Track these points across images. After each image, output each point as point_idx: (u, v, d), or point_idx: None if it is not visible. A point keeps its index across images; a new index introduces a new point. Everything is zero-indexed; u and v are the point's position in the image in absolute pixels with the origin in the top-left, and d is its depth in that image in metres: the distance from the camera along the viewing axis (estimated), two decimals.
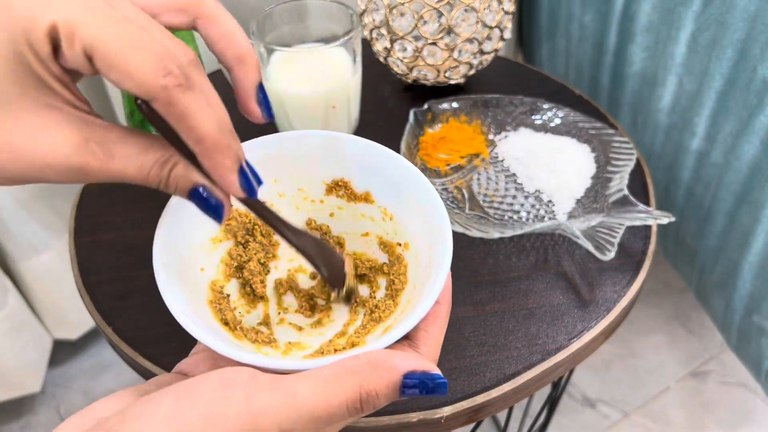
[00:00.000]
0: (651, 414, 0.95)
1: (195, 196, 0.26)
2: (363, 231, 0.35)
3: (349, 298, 0.34)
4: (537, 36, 0.96)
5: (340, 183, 0.34)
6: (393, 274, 0.34)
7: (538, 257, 0.49)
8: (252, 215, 0.34)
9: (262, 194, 0.33)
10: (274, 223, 0.30)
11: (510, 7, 0.60)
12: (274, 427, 0.22)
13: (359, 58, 0.55)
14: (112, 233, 0.52)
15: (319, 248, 0.32)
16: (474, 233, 0.50)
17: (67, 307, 0.92)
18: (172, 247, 0.30)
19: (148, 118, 0.23)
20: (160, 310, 0.45)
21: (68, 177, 0.23)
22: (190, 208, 0.29)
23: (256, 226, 0.35)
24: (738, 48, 0.61)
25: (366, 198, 0.34)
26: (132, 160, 0.24)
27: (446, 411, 0.39)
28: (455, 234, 0.51)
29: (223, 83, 0.59)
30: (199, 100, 0.23)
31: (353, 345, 0.31)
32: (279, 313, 0.35)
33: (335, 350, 0.31)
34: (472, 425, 0.46)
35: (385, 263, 0.35)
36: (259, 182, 0.27)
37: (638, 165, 0.57)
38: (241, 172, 0.26)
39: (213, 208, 0.26)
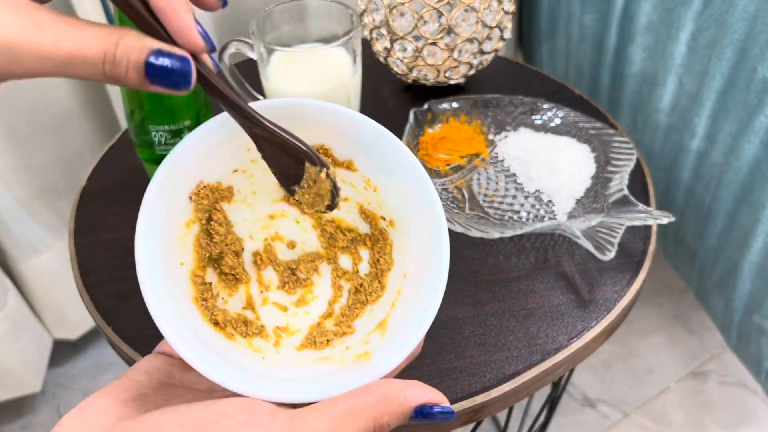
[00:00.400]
0: (651, 414, 0.95)
1: (155, 62, 0.23)
2: (343, 196, 0.33)
3: (333, 196, 0.30)
4: (537, 36, 0.96)
5: (319, 149, 0.31)
6: (377, 251, 0.33)
7: (538, 257, 0.49)
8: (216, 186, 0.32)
9: (236, 161, 0.32)
10: (236, 102, 0.27)
11: (510, 7, 0.60)
12: None
13: (359, 58, 0.55)
14: (112, 233, 0.52)
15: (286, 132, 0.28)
16: (474, 233, 0.50)
17: (68, 307, 0.92)
18: (153, 255, 0.29)
19: None
20: None
21: (18, 66, 0.21)
22: (162, 205, 0.28)
23: (217, 202, 0.32)
24: (738, 48, 0.61)
25: (348, 166, 0.32)
26: (68, 33, 0.22)
27: None
28: (455, 234, 0.51)
29: None
30: None
31: (344, 334, 0.31)
32: (261, 292, 0.34)
33: (327, 341, 0.31)
34: (472, 425, 0.46)
35: (367, 234, 0.33)
36: (212, 44, 0.25)
37: (638, 165, 0.57)
38: (198, 24, 0.24)
39: (179, 71, 0.23)
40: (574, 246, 0.50)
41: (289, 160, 0.29)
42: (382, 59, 0.63)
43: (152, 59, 0.23)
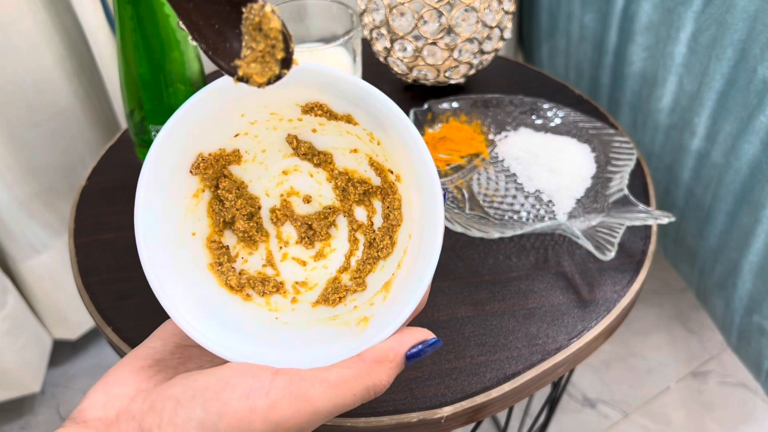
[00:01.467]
0: (651, 414, 0.95)
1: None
2: (351, 147, 0.33)
3: (285, 42, 0.24)
4: (537, 36, 0.96)
5: (315, 105, 0.30)
6: (387, 204, 0.33)
7: (538, 257, 0.49)
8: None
9: (235, 128, 0.31)
10: None
11: (510, 6, 0.60)
12: (294, 427, 0.25)
13: (359, 58, 0.55)
14: (112, 233, 0.52)
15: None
16: (474, 233, 0.50)
17: (67, 307, 0.92)
18: (154, 235, 0.29)
19: None
20: (160, 309, 0.45)
21: None
22: (161, 183, 0.29)
23: (225, 168, 0.32)
24: (738, 48, 0.61)
25: (348, 119, 0.31)
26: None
27: (446, 411, 0.39)
28: (455, 234, 0.51)
29: None
30: None
31: (355, 291, 0.32)
32: (281, 248, 0.35)
33: (340, 298, 0.32)
34: (472, 425, 0.46)
35: (378, 187, 0.33)
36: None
37: (638, 165, 0.57)
38: None
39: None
40: (574, 246, 0.50)
41: (219, 18, 0.24)
42: (382, 59, 0.63)
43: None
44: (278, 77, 0.25)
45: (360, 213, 0.34)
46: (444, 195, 0.29)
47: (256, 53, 0.24)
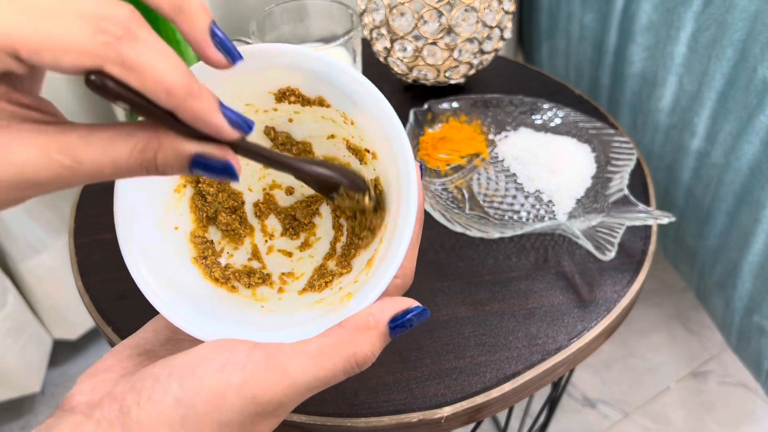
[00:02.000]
0: (651, 414, 0.95)
1: (198, 166, 0.23)
2: (328, 133, 0.33)
3: (379, 200, 0.31)
4: (537, 36, 0.96)
5: (287, 91, 0.31)
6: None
7: (538, 257, 0.49)
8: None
9: None
10: (279, 159, 0.27)
11: (510, 6, 0.60)
12: (273, 402, 0.24)
13: (359, 58, 0.55)
14: (112, 233, 0.51)
15: (330, 166, 0.29)
16: (474, 233, 0.50)
17: (67, 307, 0.92)
18: (139, 233, 0.29)
19: (109, 95, 0.21)
20: None
21: (46, 190, 0.21)
22: (135, 181, 0.28)
23: None
24: (738, 48, 0.61)
25: (320, 102, 0.31)
26: (103, 157, 0.21)
27: (446, 411, 0.39)
28: (455, 234, 0.51)
29: None
30: (150, 51, 0.20)
31: (341, 274, 0.32)
32: (266, 241, 0.35)
33: (326, 283, 0.32)
34: (472, 425, 0.46)
35: (360, 169, 0.33)
36: (248, 122, 0.24)
37: (638, 165, 0.57)
38: (224, 110, 0.23)
39: (222, 169, 0.24)
40: (574, 246, 0.50)
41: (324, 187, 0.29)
42: (382, 59, 0.63)
43: (194, 166, 0.23)
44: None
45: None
46: (421, 167, 0.28)
47: (350, 202, 0.30)
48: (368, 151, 0.32)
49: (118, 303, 0.46)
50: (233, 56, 0.24)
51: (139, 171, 0.22)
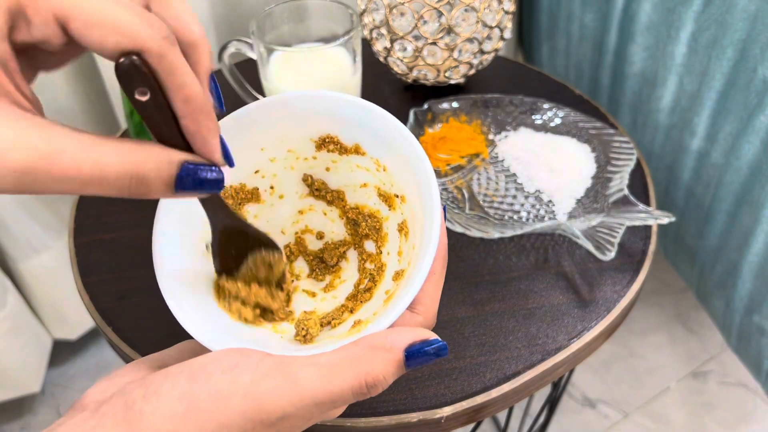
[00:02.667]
0: (651, 414, 0.95)
1: (185, 175, 0.23)
2: (361, 182, 0.34)
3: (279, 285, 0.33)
4: (537, 36, 0.96)
5: (327, 138, 0.33)
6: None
7: (538, 257, 0.49)
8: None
9: (255, 162, 0.33)
10: (230, 216, 0.29)
11: (510, 6, 0.60)
12: (277, 410, 0.23)
13: (359, 58, 0.55)
14: (112, 233, 0.52)
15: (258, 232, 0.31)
16: (474, 233, 0.50)
17: (67, 308, 0.92)
18: (173, 260, 0.30)
19: (136, 80, 0.21)
20: (159, 310, 0.45)
21: (14, 182, 0.20)
22: (176, 214, 0.29)
23: (242, 204, 0.34)
24: (738, 48, 0.61)
25: (356, 150, 0.33)
26: (83, 153, 0.21)
27: (446, 411, 0.39)
28: (455, 234, 0.50)
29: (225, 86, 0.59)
30: (183, 61, 0.22)
31: (357, 309, 0.32)
32: (292, 282, 0.35)
33: (339, 323, 0.32)
34: (472, 425, 0.46)
35: (387, 216, 0.34)
36: (232, 159, 0.25)
37: (638, 165, 0.57)
38: (221, 138, 0.24)
39: (210, 179, 0.24)
40: (574, 246, 0.50)
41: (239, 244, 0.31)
42: (382, 59, 0.63)
43: (183, 174, 0.23)
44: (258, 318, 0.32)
45: (369, 245, 0.35)
46: (444, 209, 0.28)
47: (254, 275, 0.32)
48: (397, 196, 0.33)
49: (117, 303, 0.46)
50: (220, 104, 0.25)
51: (122, 178, 0.21)
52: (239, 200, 0.34)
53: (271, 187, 0.35)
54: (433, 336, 0.26)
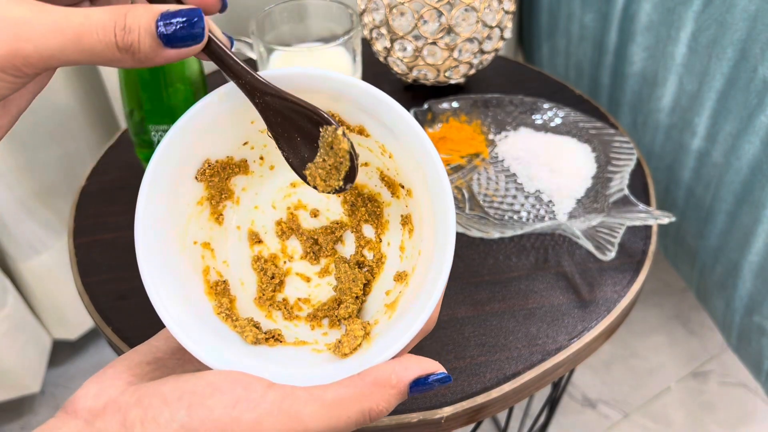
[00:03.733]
0: (651, 414, 0.95)
1: (166, 22, 0.23)
2: (362, 161, 0.31)
3: (352, 161, 0.28)
4: (537, 36, 0.96)
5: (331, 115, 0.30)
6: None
7: (539, 257, 0.49)
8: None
9: (244, 135, 0.31)
10: (245, 73, 0.27)
11: (510, 6, 0.60)
12: None
13: (359, 58, 0.55)
14: (112, 233, 0.52)
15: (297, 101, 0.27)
16: (474, 233, 0.50)
17: (67, 308, 0.92)
18: (156, 242, 0.28)
19: None
20: None
21: (37, 53, 0.21)
22: (165, 186, 0.28)
23: (229, 179, 0.32)
24: (738, 48, 0.61)
25: (360, 131, 0.30)
26: (76, 10, 0.22)
27: (446, 411, 0.39)
28: (456, 234, 0.50)
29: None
30: None
31: (357, 313, 0.31)
32: (285, 262, 0.34)
33: (339, 321, 0.31)
34: (472, 425, 0.46)
35: (389, 202, 0.32)
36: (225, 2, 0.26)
37: (638, 165, 0.57)
38: None
39: (190, 23, 0.23)
40: (574, 246, 0.50)
41: (300, 133, 0.27)
42: (381, 59, 0.63)
43: (163, 19, 0.23)
44: (340, 189, 0.28)
45: (368, 230, 0.33)
46: None
47: (326, 165, 0.28)
48: (403, 187, 0.31)
49: (117, 303, 0.46)
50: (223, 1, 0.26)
51: (105, 31, 0.22)
52: (225, 175, 0.31)
53: (261, 158, 0.32)
54: (440, 369, 0.26)
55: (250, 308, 0.32)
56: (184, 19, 0.23)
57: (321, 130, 0.27)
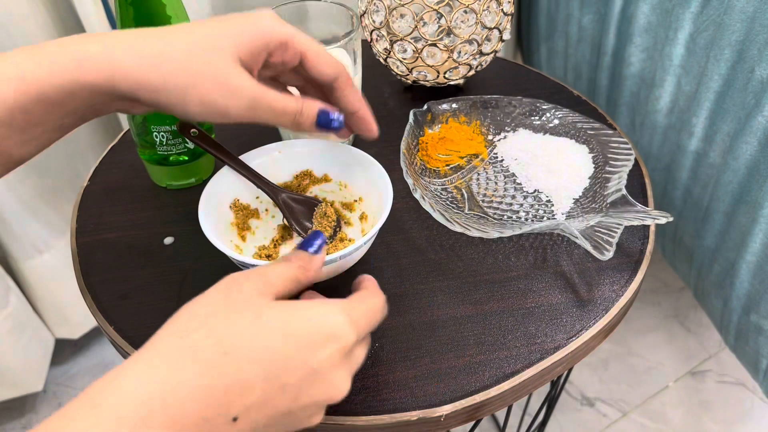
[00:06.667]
0: (649, 413, 0.96)
1: (322, 115, 0.39)
2: (329, 200, 0.50)
3: (337, 224, 0.48)
4: (536, 37, 0.96)
5: (305, 173, 0.49)
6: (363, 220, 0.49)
7: (537, 257, 0.49)
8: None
9: (256, 191, 0.49)
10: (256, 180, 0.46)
11: (509, 8, 0.60)
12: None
13: (359, 59, 0.56)
14: (114, 233, 0.52)
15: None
16: (473, 233, 0.50)
17: (69, 307, 0.92)
18: (210, 222, 0.43)
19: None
20: (161, 308, 0.46)
21: (249, 110, 0.35)
22: (211, 205, 0.44)
23: (247, 219, 0.49)
24: (736, 49, 0.61)
25: (325, 179, 0.49)
26: (283, 96, 0.37)
27: (445, 410, 0.40)
28: (454, 234, 0.51)
29: None
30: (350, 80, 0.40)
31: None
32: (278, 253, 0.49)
33: None
34: (471, 423, 0.46)
35: (350, 217, 0.50)
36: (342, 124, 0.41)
37: (636, 165, 0.57)
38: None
39: (337, 120, 0.39)
40: (572, 246, 0.50)
41: (305, 215, 0.47)
42: (382, 60, 0.63)
43: (320, 113, 0.39)
44: (330, 238, 0.47)
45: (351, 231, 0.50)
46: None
47: (321, 226, 0.47)
48: (356, 200, 0.49)
49: (119, 302, 0.46)
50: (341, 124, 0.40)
51: (291, 111, 0.37)
52: (246, 215, 0.48)
53: (266, 210, 0.49)
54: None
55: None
56: (329, 116, 0.39)
57: (315, 208, 0.47)
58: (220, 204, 0.46)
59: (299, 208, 0.47)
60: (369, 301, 0.33)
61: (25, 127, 0.32)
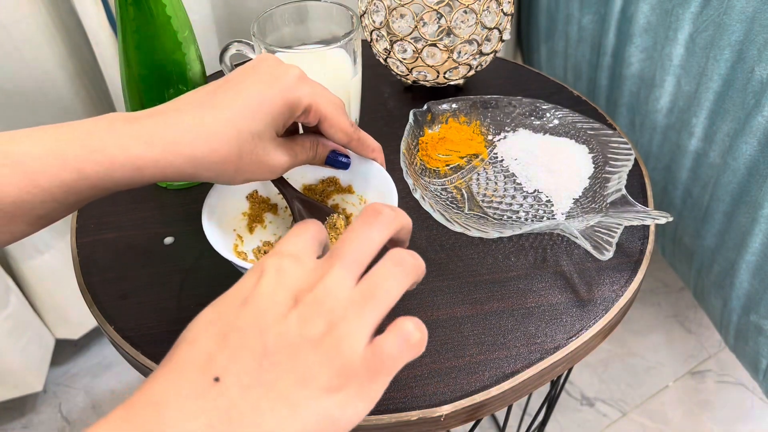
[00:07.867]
0: (649, 413, 0.96)
1: (332, 156, 0.44)
2: (348, 212, 0.50)
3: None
4: (536, 37, 0.96)
5: (330, 180, 0.50)
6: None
7: (537, 257, 0.49)
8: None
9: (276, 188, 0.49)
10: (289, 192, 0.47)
11: (509, 8, 0.60)
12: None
13: (359, 60, 0.56)
14: (114, 233, 0.52)
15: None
16: (473, 233, 0.50)
17: (69, 307, 0.92)
18: (214, 217, 0.44)
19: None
20: (161, 308, 0.46)
21: (280, 172, 0.41)
22: (221, 196, 0.45)
23: (263, 212, 0.49)
24: (736, 49, 0.61)
25: (349, 189, 0.50)
26: (303, 153, 0.42)
27: (446, 409, 0.40)
28: (454, 234, 0.51)
29: None
30: (363, 134, 0.44)
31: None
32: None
33: None
34: (471, 423, 0.46)
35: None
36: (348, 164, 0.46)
37: (636, 165, 0.57)
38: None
39: (345, 161, 0.45)
40: (572, 246, 0.50)
41: (313, 216, 0.46)
42: (382, 60, 0.63)
43: (331, 153, 0.44)
44: None
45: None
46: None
47: (331, 237, 0.45)
48: (362, 201, 0.49)
49: (119, 302, 0.47)
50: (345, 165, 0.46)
51: (309, 158, 0.43)
52: (261, 208, 0.48)
53: (285, 208, 0.49)
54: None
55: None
56: (340, 157, 0.44)
57: (327, 218, 0.46)
58: (236, 192, 0.47)
59: (310, 214, 0.46)
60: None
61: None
